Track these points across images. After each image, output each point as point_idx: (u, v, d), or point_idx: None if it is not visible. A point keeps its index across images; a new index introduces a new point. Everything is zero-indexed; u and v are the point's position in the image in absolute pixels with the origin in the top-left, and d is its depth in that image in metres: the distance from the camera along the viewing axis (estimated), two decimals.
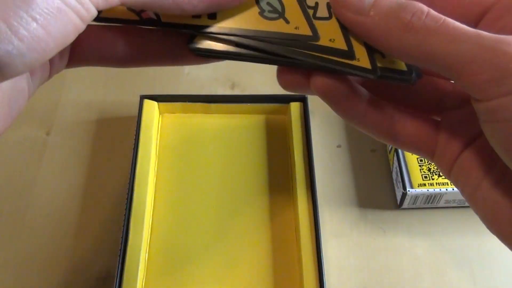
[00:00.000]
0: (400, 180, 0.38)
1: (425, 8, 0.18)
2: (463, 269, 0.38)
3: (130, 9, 0.21)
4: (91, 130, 0.44)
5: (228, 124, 0.43)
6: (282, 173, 0.40)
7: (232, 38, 0.21)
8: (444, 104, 0.23)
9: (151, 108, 0.41)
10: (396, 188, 0.40)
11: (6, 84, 0.19)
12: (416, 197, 0.38)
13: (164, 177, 0.40)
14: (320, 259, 0.34)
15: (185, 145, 0.42)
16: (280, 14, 0.21)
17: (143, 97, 0.41)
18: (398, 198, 0.40)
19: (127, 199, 0.36)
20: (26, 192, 0.41)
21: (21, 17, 0.15)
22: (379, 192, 0.41)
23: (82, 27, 0.17)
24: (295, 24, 0.21)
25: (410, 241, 0.39)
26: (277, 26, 0.21)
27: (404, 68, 0.20)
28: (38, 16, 0.15)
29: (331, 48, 0.20)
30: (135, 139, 0.39)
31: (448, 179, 0.22)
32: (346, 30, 0.20)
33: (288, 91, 0.22)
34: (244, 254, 0.37)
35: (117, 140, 0.44)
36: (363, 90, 0.22)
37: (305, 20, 0.21)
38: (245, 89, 0.47)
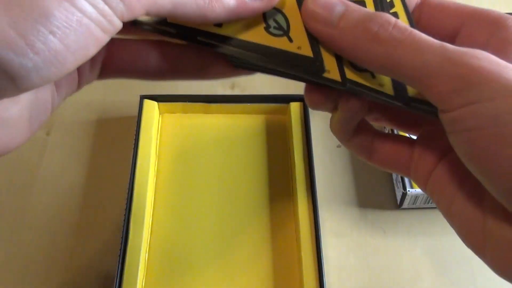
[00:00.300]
0: (400, 180, 0.38)
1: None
2: (463, 269, 0.38)
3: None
4: (91, 130, 0.44)
5: (228, 124, 0.43)
6: (282, 173, 0.40)
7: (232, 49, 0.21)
8: (420, 123, 0.23)
9: (151, 108, 0.41)
10: (396, 188, 0.40)
11: (26, 97, 0.19)
12: (416, 197, 0.38)
13: (164, 177, 0.40)
14: (320, 259, 0.34)
15: (185, 145, 0.42)
16: (284, 32, 0.21)
17: (143, 97, 0.41)
18: (398, 198, 0.40)
19: (127, 199, 0.36)
20: (26, 192, 0.41)
21: (38, 30, 0.15)
22: (379, 192, 0.41)
23: (105, 39, 0.17)
24: (298, 44, 0.21)
25: (410, 241, 0.39)
26: (280, 43, 0.21)
27: (391, 93, 0.20)
28: (56, 30, 0.15)
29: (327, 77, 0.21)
30: (135, 139, 0.39)
31: (425, 194, 0.22)
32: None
33: (314, 109, 0.23)
34: (244, 254, 0.37)
35: (117, 140, 0.44)
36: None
37: (308, 41, 0.21)
38: (245, 89, 0.47)
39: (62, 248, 0.38)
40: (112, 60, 0.21)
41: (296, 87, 0.48)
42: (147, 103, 0.41)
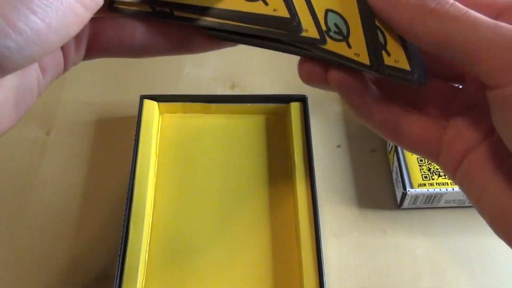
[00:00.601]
0: (400, 180, 0.38)
1: (450, 1, 0.19)
2: (463, 269, 0.38)
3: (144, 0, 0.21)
4: (91, 130, 0.44)
5: (228, 124, 0.43)
6: (282, 173, 0.40)
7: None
8: (451, 108, 0.23)
9: (151, 108, 0.41)
10: (396, 188, 0.40)
11: (12, 81, 0.19)
12: (416, 197, 0.38)
13: (164, 177, 0.40)
14: (320, 259, 0.34)
15: (185, 145, 0.42)
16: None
17: (143, 97, 0.41)
18: (398, 198, 0.40)
19: (127, 199, 0.36)
20: (26, 192, 0.41)
21: (19, 10, 0.15)
22: (379, 192, 0.41)
23: (86, 16, 0.17)
24: (274, 6, 0.21)
25: (410, 241, 0.39)
26: (255, 8, 0.21)
27: (408, 68, 0.20)
28: (37, 8, 0.15)
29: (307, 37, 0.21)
30: (135, 139, 0.39)
31: (453, 182, 0.22)
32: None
33: (308, 84, 0.23)
34: (244, 254, 0.37)
35: (117, 140, 0.44)
36: (374, 88, 0.22)
37: (283, 2, 0.21)
38: (245, 89, 0.47)
39: (62, 248, 0.38)
40: (97, 39, 0.21)
41: (296, 87, 0.48)
42: (147, 103, 0.41)
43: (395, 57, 0.20)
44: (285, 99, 0.42)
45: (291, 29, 0.21)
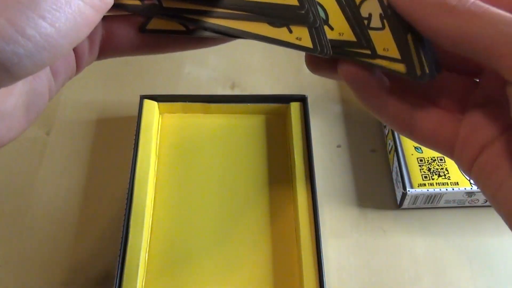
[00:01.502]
0: (400, 180, 0.38)
1: None
2: (463, 269, 0.38)
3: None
4: (91, 130, 0.44)
5: (228, 124, 0.43)
6: (282, 173, 0.40)
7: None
8: (467, 102, 0.22)
9: (151, 108, 0.41)
10: (396, 188, 0.40)
11: (22, 86, 0.18)
12: (416, 197, 0.38)
13: (164, 177, 0.40)
14: (320, 259, 0.34)
15: (185, 145, 0.42)
16: None
17: (143, 97, 0.41)
18: (398, 198, 0.40)
19: (127, 199, 0.36)
20: (26, 192, 0.41)
21: (28, 16, 0.15)
22: (379, 192, 0.41)
23: (97, 18, 0.17)
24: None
25: (410, 241, 0.39)
26: None
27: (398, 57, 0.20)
28: (46, 14, 0.15)
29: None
30: (135, 139, 0.39)
31: (468, 177, 0.21)
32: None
33: (315, 73, 0.22)
34: (244, 254, 0.37)
35: (117, 140, 0.44)
36: (385, 80, 0.22)
37: None
38: (245, 89, 0.47)
39: (62, 248, 0.38)
40: (110, 39, 0.21)
41: (296, 87, 0.48)
42: (147, 103, 0.41)
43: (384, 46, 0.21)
44: (285, 99, 0.42)
45: (300, 17, 0.21)
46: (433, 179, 0.38)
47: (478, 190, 0.37)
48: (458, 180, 0.38)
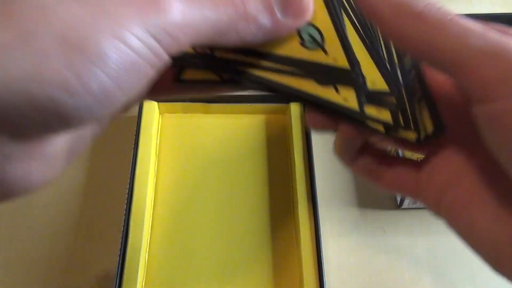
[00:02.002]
0: None
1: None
2: (463, 269, 0.38)
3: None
4: None
5: (228, 124, 0.43)
6: (282, 173, 0.40)
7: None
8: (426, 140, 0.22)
9: (151, 108, 0.41)
10: None
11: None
12: None
13: (164, 177, 0.40)
14: (320, 259, 0.34)
15: (185, 145, 0.42)
16: (319, 44, 0.21)
17: None
18: (398, 198, 0.40)
19: (127, 199, 0.36)
20: None
21: (94, 72, 0.15)
22: (379, 192, 0.41)
23: (153, 74, 0.17)
24: (333, 55, 0.21)
25: (410, 241, 0.39)
26: (316, 56, 0.21)
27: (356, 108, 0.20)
28: (110, 71, 0.15)
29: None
30: (135, 139, 0.39)
31: (440, 219, 0.21)
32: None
33: (314, 130, 0.23)
34: (244, 254, 0.37)
35: (117, 140, 0.44)
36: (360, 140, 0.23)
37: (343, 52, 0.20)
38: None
39: (62, 248, 0.38)
40: (159, 85, 0.21)
41: None
42: (147, 103, 0.41)
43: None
44: (285, 99, 0.42)
45: (351, 82, 0.20)
46: None
47: None
48: None
